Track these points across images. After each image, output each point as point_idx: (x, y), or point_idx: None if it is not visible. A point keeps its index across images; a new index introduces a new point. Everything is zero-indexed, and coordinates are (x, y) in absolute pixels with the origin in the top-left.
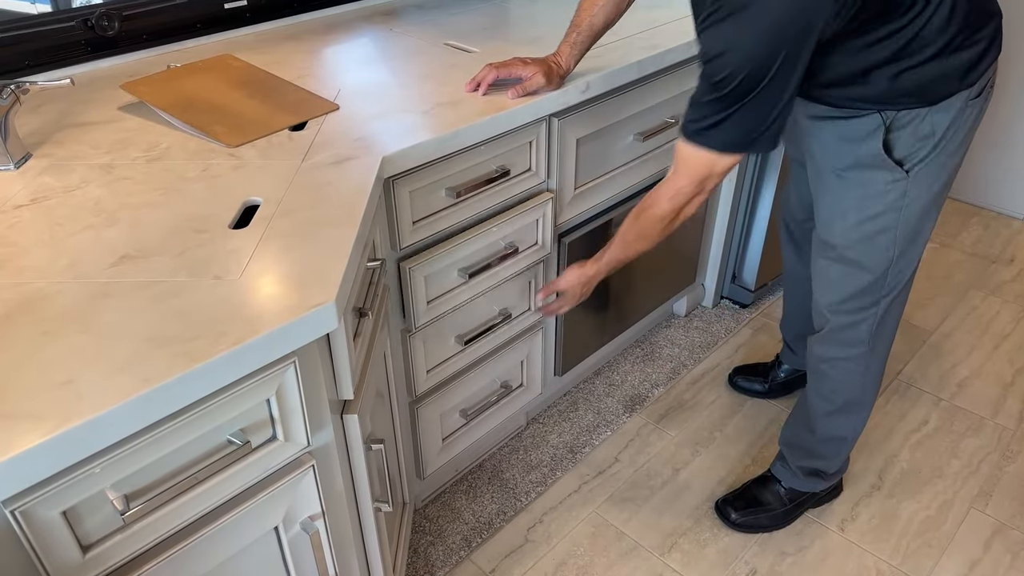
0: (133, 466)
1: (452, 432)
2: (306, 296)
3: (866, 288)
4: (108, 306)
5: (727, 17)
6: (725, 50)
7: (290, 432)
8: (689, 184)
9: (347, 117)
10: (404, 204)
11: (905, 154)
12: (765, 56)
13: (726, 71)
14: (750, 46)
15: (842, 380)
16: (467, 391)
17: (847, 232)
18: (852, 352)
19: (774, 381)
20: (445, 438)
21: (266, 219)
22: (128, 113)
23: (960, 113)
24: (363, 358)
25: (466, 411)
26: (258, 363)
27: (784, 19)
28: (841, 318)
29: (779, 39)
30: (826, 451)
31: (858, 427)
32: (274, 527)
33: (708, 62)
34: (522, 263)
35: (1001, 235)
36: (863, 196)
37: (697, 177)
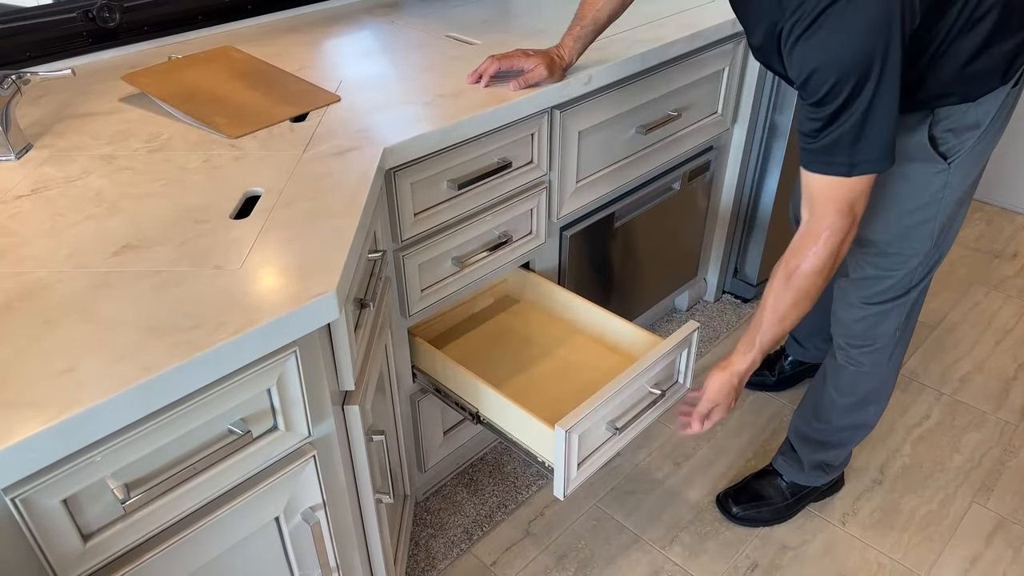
0: (134, 455)
1: (453, 425)
2: (307, 286)
3: (900, 281)
4: (109, 295)
5: (810, 32)
6: (819, 65)
7: (291, 422)
8: (838, 218)
9: (348, 108)
10: (406, 196)
11: (949, 145)
12: (862, 58)
13: (827, 85)
14: (843, 53)
15: (867, 372)
16: None
17: (889, 226)
18: (880, 344)
19: (781, 373)
20: (446, 431)
21: (267, 210)
22: (129, 104)
23: (1003, 103)
24: (364, 349)
25: None
26: (258, 352)
27: (867, 18)
28: (874, 311)
29: (869, 44)
30: (840, 441)
31: (877, 417)
32: (275, 517)
33: (806, 83)
34: (517, 252)
35: (1004, 231)
36: (906, 189)
37: (842, 207)
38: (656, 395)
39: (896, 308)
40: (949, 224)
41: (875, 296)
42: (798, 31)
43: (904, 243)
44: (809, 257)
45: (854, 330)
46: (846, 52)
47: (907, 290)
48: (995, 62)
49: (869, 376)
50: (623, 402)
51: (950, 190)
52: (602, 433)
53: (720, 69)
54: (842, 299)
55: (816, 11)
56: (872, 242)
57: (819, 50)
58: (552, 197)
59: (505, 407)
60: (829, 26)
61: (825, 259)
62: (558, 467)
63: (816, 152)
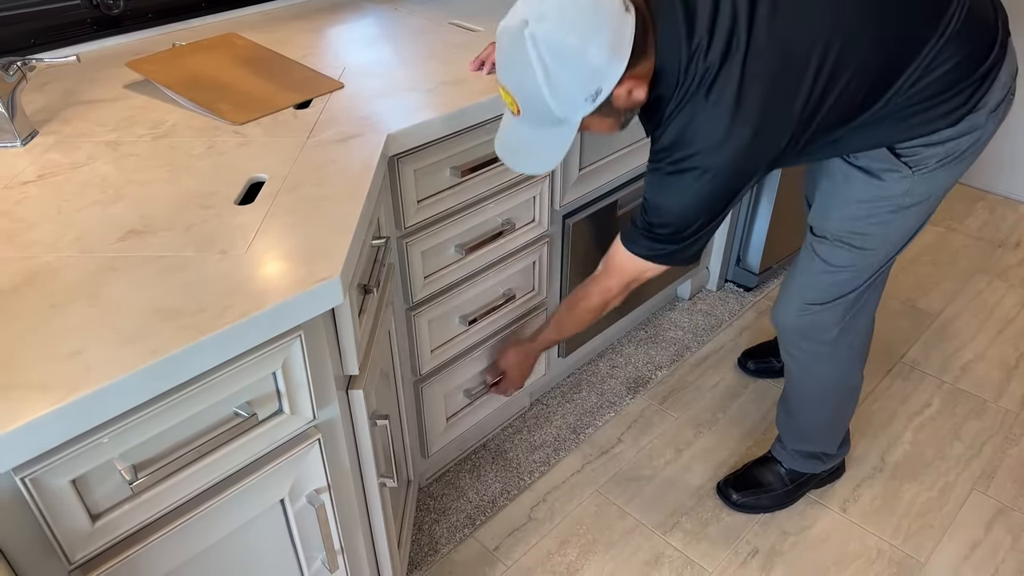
0: (141, 436)
1: (456, 412)
2: (311, 271)
3: (844, 281)
4: (115, 280)
5: (663, 176)
6: (658, 205)
7: (296, 405)
8: (617, 285)
9: (352, 95)
10: (409, 183)
11: (915, 158)
12: (695, 216)
13: (658, 219)
14: (677, 210)
15: (811, 373)
16: (471, 371)
17: (843, 221)
18: (818, 345)
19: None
20: (449, 417)
21: (271, 195)
22: (134, 91)
23: (975, 129)
24: (368, 335)
25: (470, 391)
26: (263, 336)
27: (714, 188)
28: (815, 308)
29: (710, 203)
30: (813, 435)
31: (844, 413)
32: (280, 500)
33: (644, 199)
34: (519, 240)
35: (1007, 219)
36: (866, 187)
37: (624, 280)
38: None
39: (835, 307)
40: (904, 231)
41: (817, 292)
42: (658, 173)
43: (854, 240)
44: (588, 297)
45: (795, 325)
46: (679, 207)
47: (850, 290)
48: (945, 107)
49: (814, 375)
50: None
51: (910, 198)
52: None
53: None
54: (786, 293)
55: (672, 170)
56: (823, 232)
57: (662, 195)
58: (555, 185)
59: None
60: (676, 183)
61: (597, 305)
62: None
63: (634, 232)
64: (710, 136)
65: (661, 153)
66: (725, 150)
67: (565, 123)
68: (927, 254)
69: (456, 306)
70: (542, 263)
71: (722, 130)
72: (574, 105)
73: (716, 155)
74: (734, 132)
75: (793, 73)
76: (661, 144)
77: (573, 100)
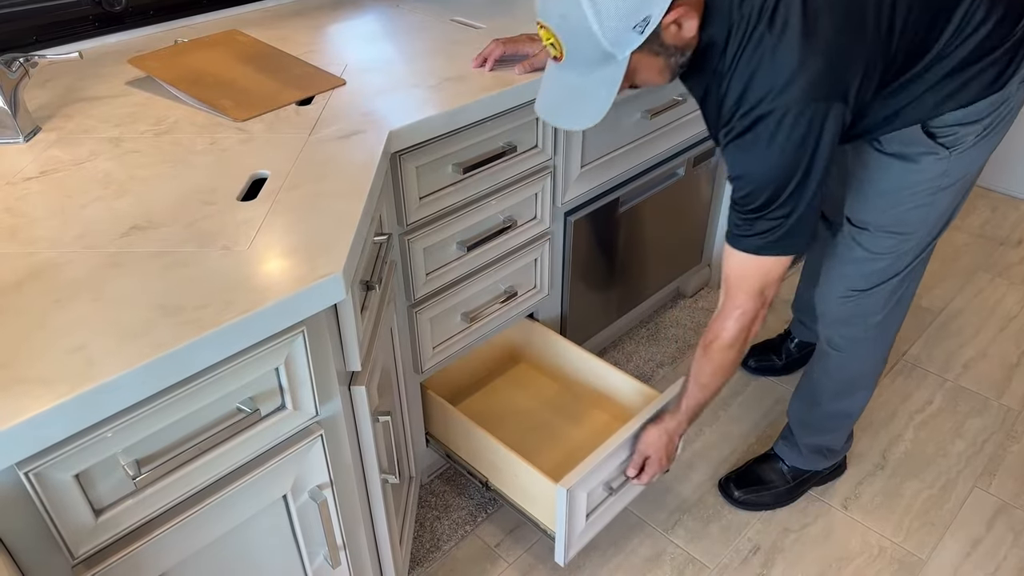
0: (144, 432)
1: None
2: (314, 267)
3: (888, 265)
4: (118, 275)
5: (737, 138)
6: (743, 174)
7: (299, 401)
8: (748, 299)
9: (354, 92)
10: (411, 180)
11: (951, 138)
12: (787, 173)
13: (746, 191)
14: (764, 172)
15: (849, 356)
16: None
17: (883, 209)
18: (862, 331)
19: (788, 356)
20: None
21: (274, 192)
22: (136, 88)
23: (1009, 99)
24: (370, 331)
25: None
26: (266, 332)
27: (796, 131)
28: (858, 294)
29: (797, 152)
30: (831, 426)
31: (863, 403)
32: (283, 495)
33: (731, 180)
34: (521, 237)
35: (1009, 217)
36: (903, 172)
37: (753, 289)
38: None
39: (880, 292)
40: (944, 214)
41: (861, 279)
42: (731, 137)
43: (896, 227)
44: (722, 332)
45: (838, 313)
46: (765, 167)
47: (894, 275)
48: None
49: (852, 360)
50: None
51: (948, 178)
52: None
53: None
54: (827, 281)
55: (746, 124)
56: (864, 223)
57: (743, 160)
58: (557, 182)
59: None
60: (754, 140)
61: (736, 335)
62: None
63: (736, 227)
64: (781, 71)
65: (728, 114)
66: (798, 84)
67: (612, 61)
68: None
69: (458, 303)
70: (544, 260)
71: (793, 62)
72: (622, 36)
73: (790, 91)
74: (806, 63)
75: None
76: (727, 105)
77: (621, 29)
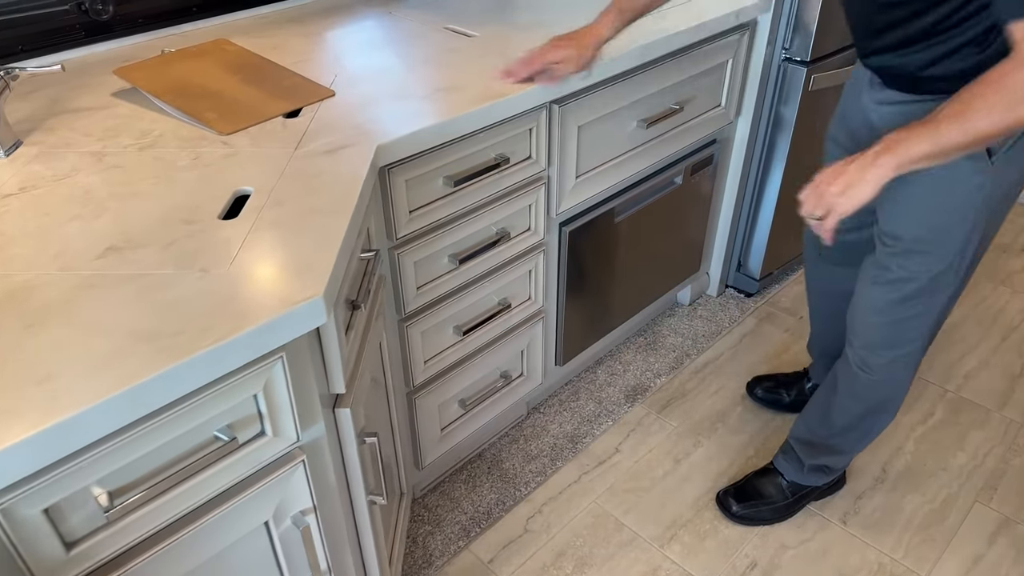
0: (117, 463)
1: (451, 422)
2: (294, 290)
3: (925, 285)
4: (93, 299)
5: None
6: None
7: (279, 427)
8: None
9: (343, 103)
10: (400, 193)
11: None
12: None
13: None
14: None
15: (881, 381)
16: (466, 381)
17: (918, 223)
18: (902, 351)
19: (800, 395)
20: (443, 428)
21: (256, 209)
22: (121, 99)
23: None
24: (356, 351)
25: (465, 401)
26: (244, 359)
27: None
28: (895, 316)
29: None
30: (844, 448)
31: (885, 426)
32: (264, 522)
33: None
34: (515, 249)
35: (1014, 223)
36: (942, 186)
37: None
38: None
39: (919, 315)
40: (984, 228)
41: (897, 301)
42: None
43: (933, 243)
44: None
45: (873, 337)
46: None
47: (932, 294)
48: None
49: (884, 384)
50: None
51: (989, 191)
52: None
53: (723, 61)
54: (862, 303)
55: None
56: (898, 238)
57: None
58: (551, 193)
59: None
60: None
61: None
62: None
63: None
64: None
65: None
66: None
67: None
68: None
69: (450, 316)
70: (538, 272)
71: None
72: None
73: None
74: None
75: None
76: None
77: None
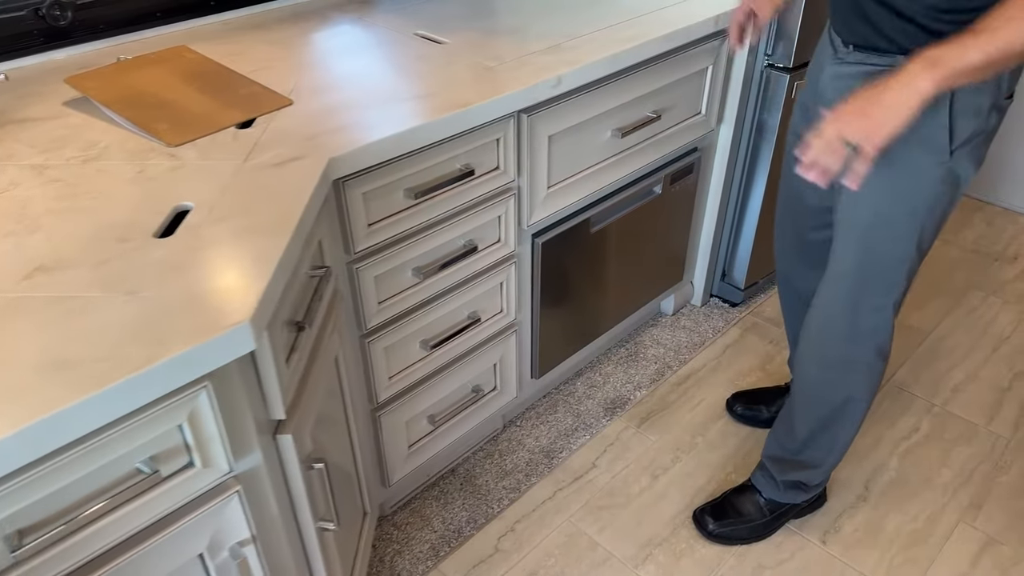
0: (26, 500)
1: (419, 439)
2: (219, 316)
3: (884, 275)
4: (14, 324)
5: None
6: None
7: (208, 458)
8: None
9: (299, 113)
10: (357, 207)
11: (961, 131)
12: None
13: None
14: None
15: (850, 379)
16: (435, 397)
17: (876, 212)
18: (865, 348)
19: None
20: (412, 445)
21: (194, 227)
22: (73, 108)
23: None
24: (301, 374)
25: (434, 417)
26: (162, 390)
27: None
28: (860, 309)
29: None
30: (815, 460)
31: (850, 436)
32: (199, 554)
33: None
34: (484, 262)
35: (1006, 232)
36: (900, 177)
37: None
38: None
39: (884, 309)
40: (939, 222)
41: (851, 290)
42: None
43: (887, 233)
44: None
45: (829, 331)
46: None
47: (887, 285)
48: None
49: (841, 383)
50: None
51: (943, 184)
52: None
53: (703, 68)
54: (819, 297)
55: None
56: (853, 226)
57: None
58: (521, 204)
59: None
60: None
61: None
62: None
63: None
64: None
65: None
66: None
67: None
68: (920, 268)
69: (415, 331)
70: (510, 284)
71: None
72: None
73: None
74: None
75: None
76: None
77: None
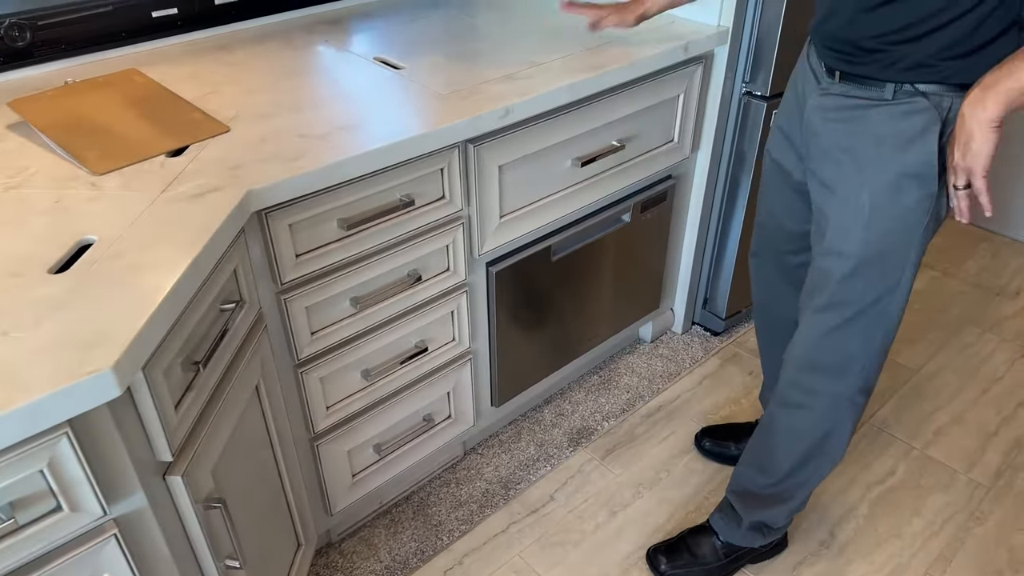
0: None
1: (364, 468)
2: (84, 360)
3: (871, 305)
4: None
5: None
6: None
7: (77, 502)
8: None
9: (233, 141)
10: (283, 238)
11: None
12: None
13: None
14: None
15: (827, 411)
16: (380, 426)
17: (865, 241)
18: (847, 379)
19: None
20: (356, 474)
21: (90, 263)
22: (14, 133)
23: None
24: (197, 413)
25: (380, 446)
26: (16, 437)
27: None
28: (842, 339)
29: None
30: (785, 496)
31: (829, 467)
32: None
33: None
34: (431, 291)
35: (1011, 264)
36: (890, 204)
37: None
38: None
39: (868, 340)
40: (921, 252)
41: (846, 325)
42: None
43: (879, 263)
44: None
45: (820, 367)
46: None
47: (878, 317)
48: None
49: (825, 417)
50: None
51: (932, 212)
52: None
53: (674, 96)
54: (806, 329)
55: None
56: (843, 256)
57: None
58: (472, 233)
59: None
60: None
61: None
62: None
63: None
64: None
65: None
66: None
67: None
68: (916, 301)
69: (355, 360)
70: (461, 313)
71: None
72: None
73: None
74: None
75: None
76: None
77: None
